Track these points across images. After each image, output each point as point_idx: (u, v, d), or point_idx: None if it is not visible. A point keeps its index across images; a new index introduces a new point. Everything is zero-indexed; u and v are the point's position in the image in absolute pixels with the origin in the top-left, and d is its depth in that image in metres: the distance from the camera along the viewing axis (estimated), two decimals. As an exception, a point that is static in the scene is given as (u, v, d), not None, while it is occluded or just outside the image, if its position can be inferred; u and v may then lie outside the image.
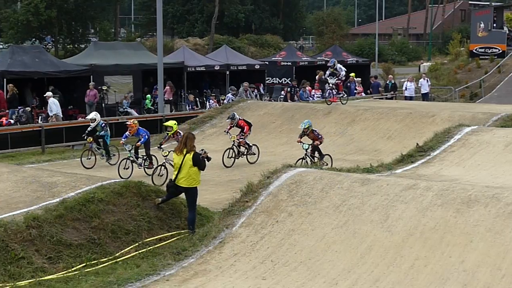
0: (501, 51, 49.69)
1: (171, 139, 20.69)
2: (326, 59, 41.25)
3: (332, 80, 27.44)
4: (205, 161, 14.73)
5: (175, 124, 20.46)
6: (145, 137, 20.80)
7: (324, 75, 29.16)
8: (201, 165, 14.53)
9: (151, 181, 18.43)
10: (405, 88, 38.36)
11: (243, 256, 12.66)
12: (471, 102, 41.31)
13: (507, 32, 50.81)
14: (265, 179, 14.76)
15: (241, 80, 36.10)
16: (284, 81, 44.08)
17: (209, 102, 36.66)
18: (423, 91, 39.07)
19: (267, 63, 45.13)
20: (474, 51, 50.62)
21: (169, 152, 19.81)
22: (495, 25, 51.01)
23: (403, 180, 14.32)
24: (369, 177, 14.62)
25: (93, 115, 23.12)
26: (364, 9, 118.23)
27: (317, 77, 36.85)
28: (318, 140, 20.80)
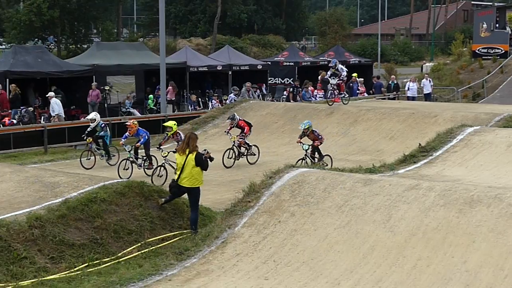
0: (503, 51, 49.65)
1: (171, 139, 20.66)
2: (328, 59, 41.23)
3: (333, 81, 27.41)
4: (207, 161, 14.73)
5: (174, 125, 20.43)
6: (144, 137, 20.76)
7: (326, 76, 29.13)
8: (203, 165, 14.53)
9: (150, 181, 18.42)
10: (408, 88, 38.33)
11: (246, 256, 12.66)
12: (473, 102, 41.28)
13: (510, 32, 50.75)
14: (267, 179, 14.76)
15: (244, 80, 36.13)
16: (287, 81, 44.10)
17: (211, 102, 36.67)
18: (426, 91, 39.03)
19: (269, 63, 45.15)
20: (476, 51, 50.58)
21: (168, 153, 19.82)
22: (497, 25, 50.96)
23: (405, 181, 14.31)
24: (371, 178, 14.61)
25: (93, 115, 23.08)
26: (366, 9, 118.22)
27: (319, 77, 36.80)
28: (318, 140, 20.77)
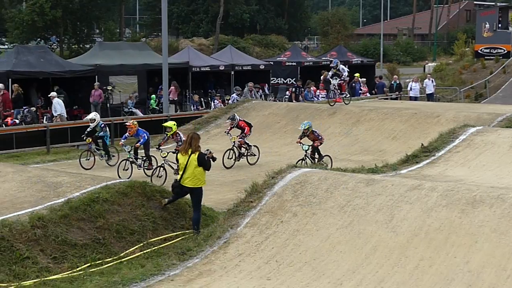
0: (506, 51, 49.63)
1: (170, 140, 20.63)
2: (330, 59, 41.24)
3: (335, 81, 27.40)
4: (210, 161, 14.73)
5: (174, 125, 20.39)
6: (144, 137, 20.72)
7: (327, 76, 29.13)
8: (206, 165, 14.53)
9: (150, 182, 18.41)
10: (410, 88, 38.33)
11: (248, 256, 12.66)
12: (476, 102, 41.29)
13: (512, 32, 50.79)
14: (269, 179, 14.75)
15: (246, 80, 36.14)
16: (289, 81, 44.10)
17: (214, 102, 36.68)
18: (428, 91, 39.02)
19: (272, 63, 45.15)
20: (479, 51, 50.57)
21: (168, 153, 19.81)
22: (500, 25, 50.94)
23: (408, 181, 14.31)
24: (374, 178, 14.61)
25: (92, 115, 23.06)
26: (369, 9, 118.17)
27: (322, 77, 36.85)
28: (318, 141, 20.74)
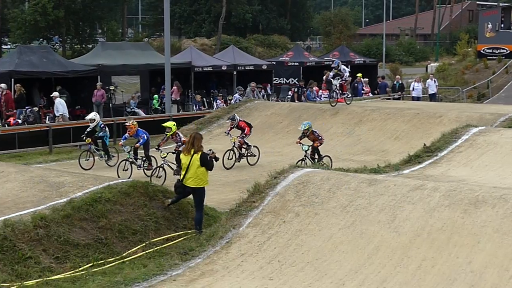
0: (508, 51, 49.62)
1: (170, 140, 20.61)
2: (333, 59, 41.23)
3: (336, 81, 27.38)
4: (213, 161, 14.73)
5: (174, 125, 20.38)
6: (144, 138, 20.70)
7: (329, 76, 29.10)
8: (208, 165, 14.53)
9: (149, 182, 18.40)
10: (413, 88, 38.30)
11: (250, 257, 12.66)
12: (478, 102, 41.26)
13: (515, 32, 50.78)
14: (272, 179, 14.76)
15: (248, 80, 36.12)
16: (291, 81, 44.06)
17: (216, 102, 36.67)
18: (431, 91, 39.00)
19: (274, 63, 45.12)
20: (481, 51, 50.55)
21: (167, 154, 19.80)
22: (502, 25, 50.93)
23: (410, 181, 14.30)
24: (376, 178, 14.61)
25: (92, 115, 23.03)
26: (371, 9, 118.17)
27: (324, 77, 36.83)
28: (318, 141, 20.71)
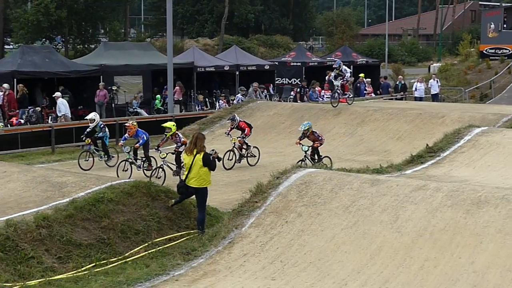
0: (511, 51, 49.55)
1: (169, 140, 20.61)
2: (335, 59, 41.24)
3: (337, 82, 27.37)
4: (215, 161, 14.74)
5: (173, 126, 20.38)
6: (143, 138, 20.70)
7: (330, 77, 29.08)
8: (211, 165, 14.53)
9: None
10: (415, 88, 38.28)
11: (253, 257, 12.66)
12: (481, 103, 41.22)
13: (518, 32, 50.70)
14: (274, 179, 14.76)
15: (251, 81, 36.13)
16: (294, 81, 44.09)
17: (218, 102, 36.69)
18: (433, 91, 38.97)
19: (276, 63, 45.16)
20: (484, 51, 50.50)
21: (167, 154, 19.81)
22: (505, 25, 50.86)
23: (413, 181, 14.30)
24: (379, 178, 14.60)
25: (92, 115, 23.02)
26: (374, 9, 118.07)
27: (326, 77, 36.77)
28: (318, 141, 20.69)
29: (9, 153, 24.76)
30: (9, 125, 29.00)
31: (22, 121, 29.70)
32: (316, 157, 20.55)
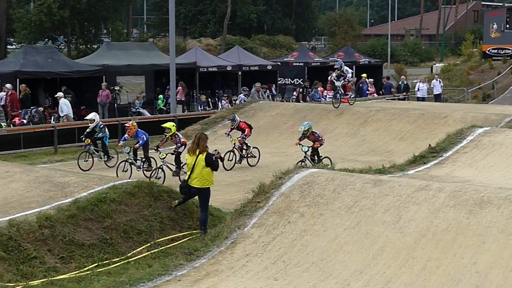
0: (514, 52, 49.53)
1: (169, 141, 20.60)
2: (337, 59, 41.24)
3: (338, 83, 27.37)
4: (218, 161, 14.74)
5: (173, 126, 20.36)
6: (143, 139, 20.68)
7: (332, 77, 29.07)
8: (214, 165, 14.53)
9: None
10: (418, 89, 38.27)
11: (255, 257, 12.66)
12: (483, 103, 41.17)
13: (520, 33, 50.61)
14: (277, 179, 14.75)
15: (253, 81, 36.11)
16: (296, 81, 44.08)
17: (221, 102, 36.70)
18: (436, 92, 38.94)
19: (279, 63, 45.13)
20: (487, 52, 50.43)
21: (166, 155, 19.80)
22: (508, 26, 50.77)
23: (415, 181, 14.29)
24: (381, 178, 14.59)
25: (92, 115, 22.99)
26: (376, 9, 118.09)
27: (329, 78, 36.79)
28: (318, 142, 20.66)
29: (12, 153, 24.79)
30: (11, 125, 29.02)
31: (25, 121, 29.72)
32: (316, 157, 20.52)
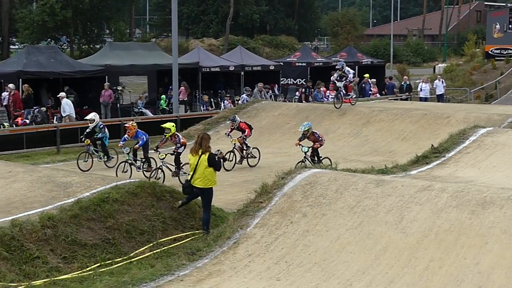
0: (516, 52, 49.50)
1: (169, 141, 20.60)
2: (340, 59, 41.22)
3: (340, 83, 27.36)
4: (220, 161, 14.74)
5: (173, 127, 20.37)
6: (143, 139, 20.67)
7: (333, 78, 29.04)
8: (216, 165, 14.53)
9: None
10: (420, 89, 38.27)
11: (258, 257, 12.66)
12: (486, 103, 41.17)
13: (523, 33, 50.59)
14: (279, 180, 14.76)
15: (256, 81, 36.09)
16: (299, 81, 44.07)
17: (223, 102, 36.70)
18: (438, 92, 38.94)
19: (281, 63, 45.12)
20: (489, 52, 50.42)
21: (166, 155, 19.80)
22: (510, 26, 50.76)
23: (418, 182, 14.28)
24: (383, 178, 14.59)
25: (91, 115, 22.99)
26: (379, 10, 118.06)
27: (332, 78, 36.78)
28: (318, 142, 20.64)
29: (15, 153, 24.81)
30: (14, 125, 29.03)
31: (28, 121, 29.73)
32: (316, 158, 20.50)
